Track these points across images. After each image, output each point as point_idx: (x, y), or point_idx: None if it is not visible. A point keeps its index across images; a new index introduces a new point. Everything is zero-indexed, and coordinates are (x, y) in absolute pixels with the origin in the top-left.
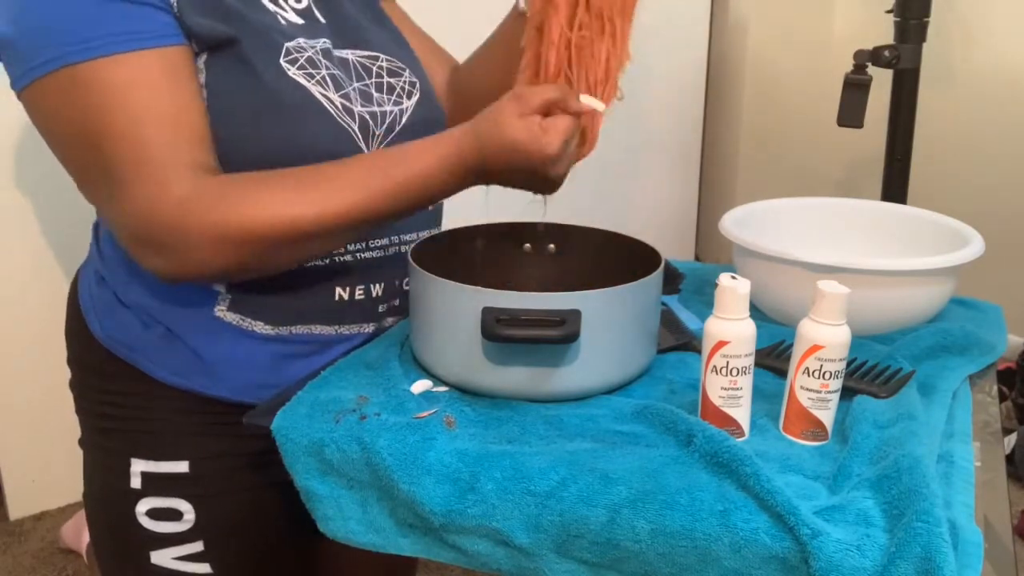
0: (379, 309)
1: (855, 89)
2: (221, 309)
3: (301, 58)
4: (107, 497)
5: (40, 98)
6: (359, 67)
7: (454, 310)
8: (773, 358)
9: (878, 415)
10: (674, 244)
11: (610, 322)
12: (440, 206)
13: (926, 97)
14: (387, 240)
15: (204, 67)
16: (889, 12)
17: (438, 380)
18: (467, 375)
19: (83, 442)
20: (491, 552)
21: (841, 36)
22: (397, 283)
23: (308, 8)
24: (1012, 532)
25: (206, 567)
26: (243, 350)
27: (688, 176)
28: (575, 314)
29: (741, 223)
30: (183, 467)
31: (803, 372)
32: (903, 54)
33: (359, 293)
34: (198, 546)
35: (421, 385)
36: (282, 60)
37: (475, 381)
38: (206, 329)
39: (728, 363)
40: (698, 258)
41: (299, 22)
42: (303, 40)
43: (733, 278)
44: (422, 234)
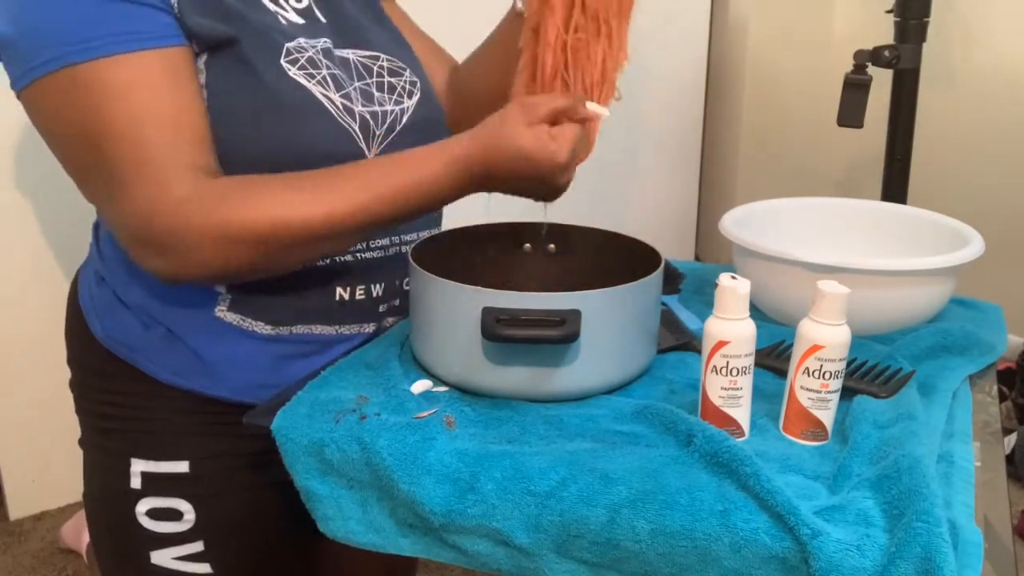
0: (379, 309)
1: (855, 89)
2: (221, 309)
3: (302, 58)
4: (107, 497)
5: (40, 98)
6: (360, 67)
7: (454, 310)
8: (773, 358)
9: (878, 415)
10: (674, 244)
11: (610, 322)
12: None
13: (926, 97)
14: (387, 240)
15: (204, 67)
16: (889, 12)
17: (438, 380)
18: (467, 375)
19: (83, 442)
20: (491, 552)
21: (841, 36)
22: (397, 283)
23: (308, 8)
24: (1012, 532)
25: (206, 567)
26: (243, 350)
27: (688, 176)
28: (575, 314)
29: (741, 223)
30: (183, 467)
31: (803, 372)
32: (903, 54)
33: (359, 293)
34: (198, 546)
35: (421, 385)
36: (282, 60)
37: (475, 381)
38: (206, 329)
39: (728, 363)
40: (698, 258)
41: (299, 22)
42: (304, 40)
43: (733, 278)
44: (422, 234)
